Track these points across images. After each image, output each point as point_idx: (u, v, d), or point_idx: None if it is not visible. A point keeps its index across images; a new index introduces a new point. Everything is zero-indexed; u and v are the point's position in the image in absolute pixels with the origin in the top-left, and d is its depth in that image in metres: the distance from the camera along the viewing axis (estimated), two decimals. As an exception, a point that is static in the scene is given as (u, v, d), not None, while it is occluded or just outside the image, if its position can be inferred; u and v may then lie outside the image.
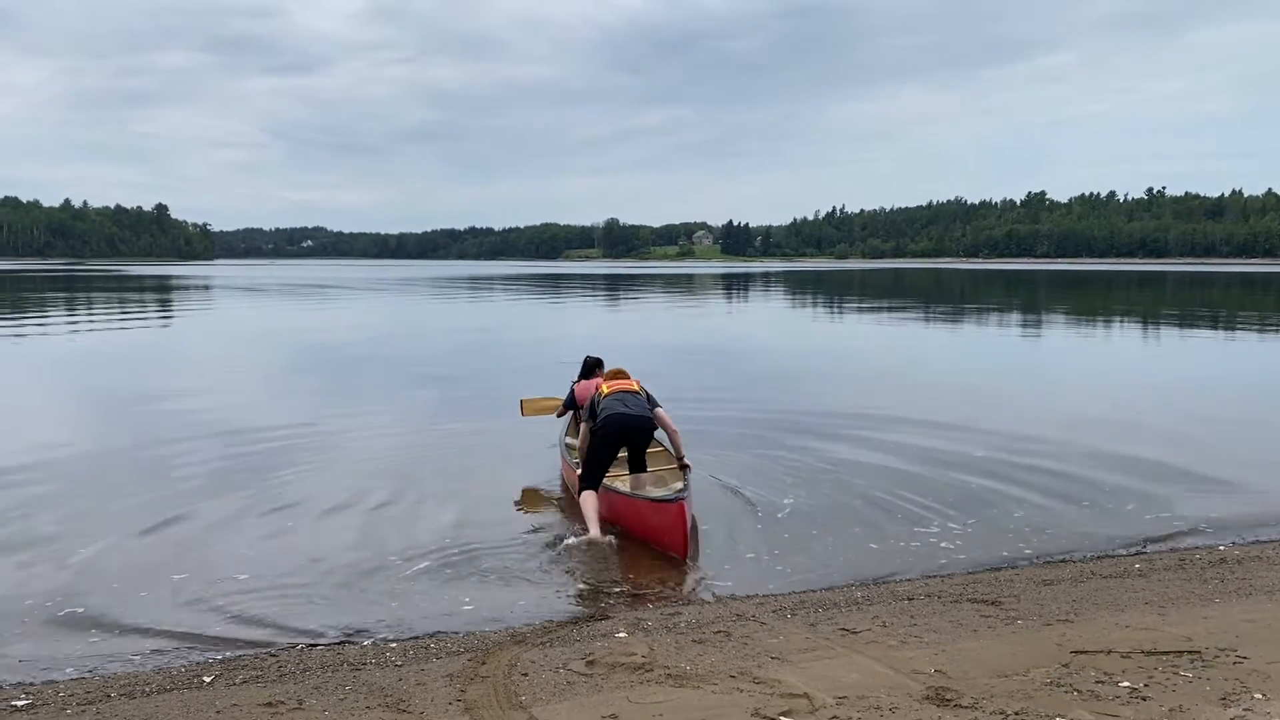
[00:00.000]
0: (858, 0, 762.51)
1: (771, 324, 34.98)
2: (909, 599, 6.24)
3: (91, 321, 33.93)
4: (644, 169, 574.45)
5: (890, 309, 42.50)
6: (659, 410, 8.39)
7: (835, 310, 43.19)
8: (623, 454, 8.45)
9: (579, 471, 8.33)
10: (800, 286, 73.20)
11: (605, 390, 8.41)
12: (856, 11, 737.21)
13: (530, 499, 9.34)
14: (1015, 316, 37.54)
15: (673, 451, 8.60)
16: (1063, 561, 7.30)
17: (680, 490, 7.77)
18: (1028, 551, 7.57)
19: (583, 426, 8.51)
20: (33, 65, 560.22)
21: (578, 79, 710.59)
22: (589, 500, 7.92)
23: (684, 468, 8.37)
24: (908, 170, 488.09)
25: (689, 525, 7.25)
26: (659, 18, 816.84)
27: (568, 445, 9.81)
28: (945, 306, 44.29)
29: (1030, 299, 52.86)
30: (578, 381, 10.06)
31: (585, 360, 10.34)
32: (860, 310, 42.15)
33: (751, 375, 19.08)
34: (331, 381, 18.08)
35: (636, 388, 8.48)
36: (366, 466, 10.49)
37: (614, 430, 8.11)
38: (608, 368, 9.48)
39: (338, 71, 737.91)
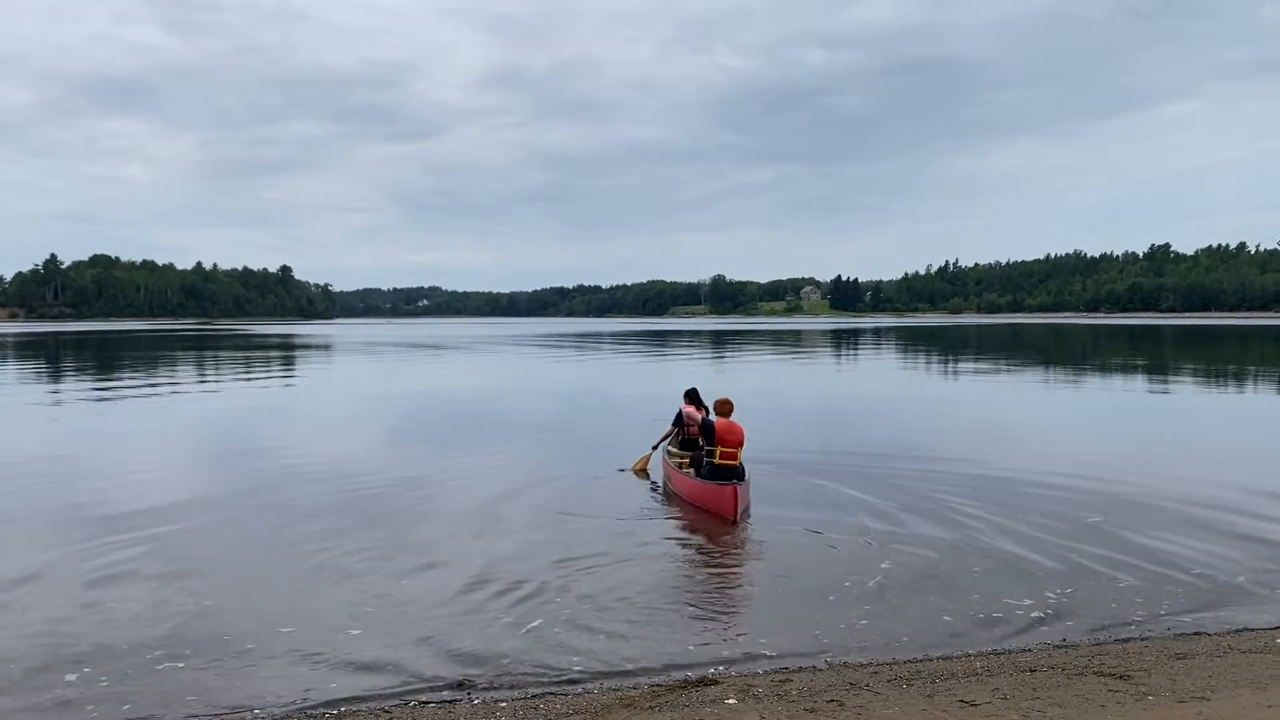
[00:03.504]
0: (970, 54, 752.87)
1: (886, 380, 34.37)
2: (1031, 670, 6.01)
3: (220, 379, 35.51)
4: (751, 225, 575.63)
5: (1010, 366, 41.36)
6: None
7: (952, 367, 42.21)
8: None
9: (683, 471, 12.01)
10: (914, 341, 71.81)
11: (720, 450, 11.19)
12: (969, 66, 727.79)
13: (635, 551, 9.26)
14: (1146, 374, 36.08)
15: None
16: (1197, 634, 6.95)
17: (736, 480, 10.87)
18: (1159, 623, 7.24)
19: (697, 452, 11.98)
20: (175, 137, 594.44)
21: (687, 139, 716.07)
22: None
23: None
24: (1024, 224, 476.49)
25: (739, 502, 10.51)
26: (767, 77, 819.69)
27: (668, 450, 13.22)
28: (1068, 363, 42.89)
29: (1159, 355, 50.76)
30: (684, 406, 13.57)
31: (689, 391, 13.83)
32: (977, 365, 41.08)
33: (869, 435, 18.73)
34: (441, 434, 18.46)
35: (740, 444, 11.30)
36: (472, 518, 10.69)
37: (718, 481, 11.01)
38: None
39: (454, 137, 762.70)
